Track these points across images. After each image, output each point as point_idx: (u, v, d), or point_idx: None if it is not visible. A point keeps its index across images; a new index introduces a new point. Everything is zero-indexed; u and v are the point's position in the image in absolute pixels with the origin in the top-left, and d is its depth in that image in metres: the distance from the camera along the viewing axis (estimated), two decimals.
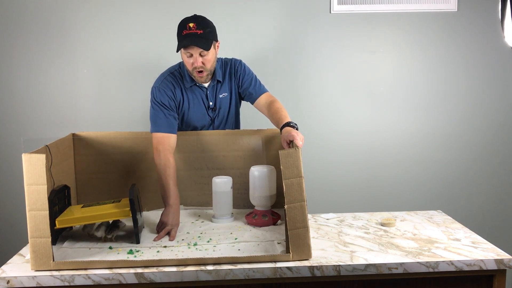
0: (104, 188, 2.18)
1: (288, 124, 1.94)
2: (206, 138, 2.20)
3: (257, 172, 2.02)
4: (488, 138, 3.06)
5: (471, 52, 2.99)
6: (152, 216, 2.13)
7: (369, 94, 3.01)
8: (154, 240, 1.86)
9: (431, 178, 3.08)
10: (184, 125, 2.28)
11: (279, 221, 2.04)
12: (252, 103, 2.28)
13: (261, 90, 2.27)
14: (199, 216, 2.16)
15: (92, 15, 2.88)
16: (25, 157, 1.58)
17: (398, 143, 3.05)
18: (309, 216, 2.10)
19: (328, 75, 2.99)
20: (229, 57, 2.33)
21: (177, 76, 2.22)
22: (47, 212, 1.58)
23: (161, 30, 2.86)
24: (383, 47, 2.98)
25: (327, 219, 2.12)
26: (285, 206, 1.63)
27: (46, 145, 1.85)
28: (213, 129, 2.31)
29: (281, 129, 1.96)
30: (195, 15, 2.14)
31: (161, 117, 2.14)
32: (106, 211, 1.85)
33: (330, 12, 2.94)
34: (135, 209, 1.80)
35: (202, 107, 2.25)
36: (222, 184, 2.06)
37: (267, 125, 2.21)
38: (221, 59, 2.30)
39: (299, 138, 1.80)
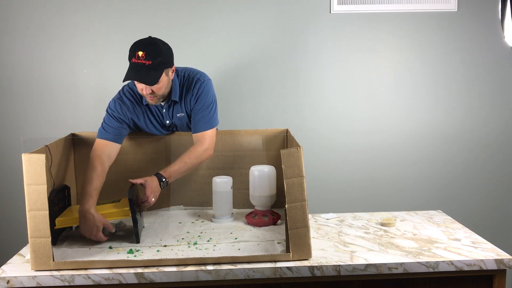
0: (104, 188, 2.18)
1: (157, 175, 1.95)
2: None
3: (257, 172, 2.02)
4: (488, 138, 3.06)
5: (471, 52, 2.99)
6: (152, 216, 2.13)
7: (369, 94, 3.01)
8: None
9: (431, 178, 3.08)
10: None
11: (279, 221, 2.05)
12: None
13: (200, 127, 2.08)
14: (199, 216, 2.16)
15: (92, 14, 2.88)
16: (25, 157, 1.58)
17: (398, 143, 3.05)
18: (309, 216, 2.10)
19: (328, 75, 2.99)
20: (209, 67, 2.14)
21: (136, 92, 2.11)
22: (47, 212, 1.58)
23: (161, 30, 2.85)
24: (383, 47, 2.98)
25: (327, 219, 2.12)
26: (286, 206, 1.63)
27: (46, 145, 1.85)
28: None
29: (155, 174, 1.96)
30: (148, 39, 1.99)
31: (112, 126, 2.07)
32: (106, 211, 1.86)
33: (330, 12, 2.94)
34: (135, 208, 1.81)
35: (158, 125, 2.16)
36: (222, 184, 2.06)
37: (267, 125, 2.21)
38: (188, 73, 2.12)
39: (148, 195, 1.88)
